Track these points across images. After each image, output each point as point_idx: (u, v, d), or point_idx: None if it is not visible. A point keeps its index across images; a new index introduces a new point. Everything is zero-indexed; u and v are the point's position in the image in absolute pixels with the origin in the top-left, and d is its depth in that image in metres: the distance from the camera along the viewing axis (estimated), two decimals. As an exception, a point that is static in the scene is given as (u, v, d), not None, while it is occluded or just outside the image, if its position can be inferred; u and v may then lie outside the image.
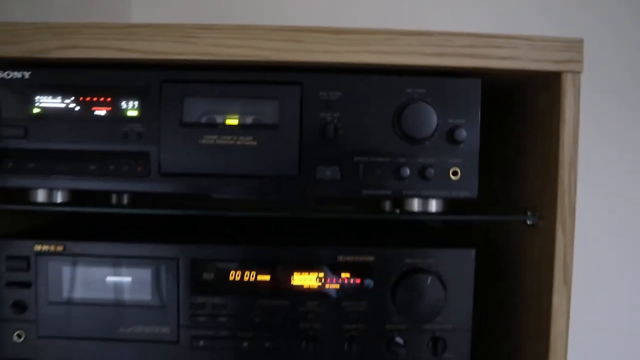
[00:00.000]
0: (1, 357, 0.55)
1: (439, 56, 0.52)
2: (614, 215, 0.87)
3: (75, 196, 0.57)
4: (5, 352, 0.55)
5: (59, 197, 0.56)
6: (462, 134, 0.52)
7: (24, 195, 0.57)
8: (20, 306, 0.55)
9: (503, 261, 0.64)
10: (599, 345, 0.88)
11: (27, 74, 0.53)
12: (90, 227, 0.65)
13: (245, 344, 0.54)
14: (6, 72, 0.53)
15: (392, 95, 0.53)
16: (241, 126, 0.52)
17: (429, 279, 0.54)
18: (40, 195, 0.56)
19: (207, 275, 0.54)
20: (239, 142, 0.52)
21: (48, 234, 0.58)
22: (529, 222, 0.57)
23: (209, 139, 0.52)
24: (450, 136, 0.52)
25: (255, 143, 0.52)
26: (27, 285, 0.54)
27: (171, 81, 0.52)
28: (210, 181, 0.53)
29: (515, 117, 0.63)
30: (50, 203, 0.56)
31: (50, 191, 0.56)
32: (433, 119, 0.52)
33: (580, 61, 0.52)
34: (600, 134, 0.86)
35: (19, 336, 0.55)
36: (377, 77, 0.53)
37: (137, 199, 0.63)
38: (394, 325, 0.55)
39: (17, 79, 0.53)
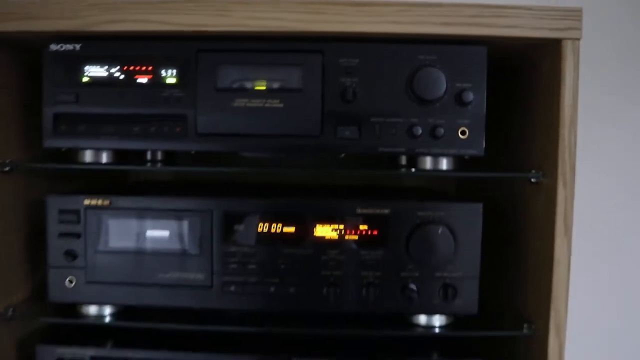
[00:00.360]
0: (55, 300, 0.62)
1: (447, 25, 0.57)
2: (613, 178, 0.91)
3: (118, 158, 0.64)
4: (58, 295, 0.62)
5: (104, 158, 0.63)
6: (470, 96, 0.58)
7: (72, 156, 0.64)
8: (71, 255, 0.61)
9: (509, 218, 0.70)
10: (599, 293, 0.92)
11: (78, 46, 0.60)
12: (131, 185, 0.72)
13: (272, 289, 0.61)
14: (60, 45, 0.60)
15: (405, 61, 0.58)
16: (269, 90, 0.59)
17: (440, 230, 0.59)
18: (88, 156, 0.63)
19: (238, 227, 0.60)
20: (267, 105, 0.59)
21: (96, 190, 0.64)
22: (533, 180, 0.62)
23: (240, 102, 0.59)
24: (459, 98, 0.58)
25: (281, 105, 0.59)
26: (77, 235, 0.61)
27: (206, 51, 0.59)
28: (242, 140, 0.59)
29: (521, 85, 0.68)
30: (97, 163, 0.63)
31: (97, 152, 0.63)
32: (442, 83, 0.58)
33: (579, 29, 0.57)
34: (600, 104, 0.90)
35: (70, 281, 0.62)
36: (392, 45, 0.59)
37: (170, 160, 0.69)
38: (408, 272, 0.60)
39: (69, 50, 0.60)
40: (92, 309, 0.64)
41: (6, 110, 0.65)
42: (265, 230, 0.61)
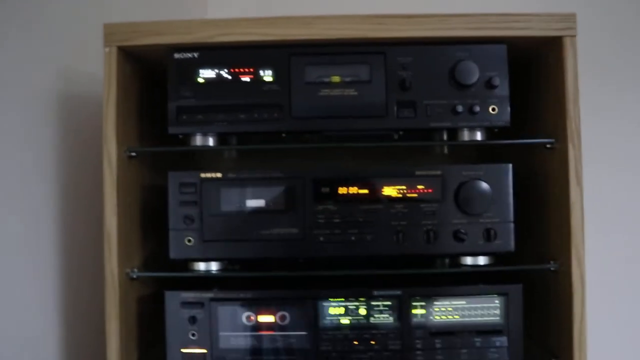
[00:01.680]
0: (176, 257, 0.80)
1: (477, 30, 0.79)
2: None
3: (220, 142, 0.84)
4: (180, 253, 0.79)
5: (211, 142, 0.83)
6: (497, 81, 0.79)
7: (184, 141, 0.83)
8: (190, 219, 0.79)
9: (532, 177, 0.89)
10: (610, 233, 1.13)
11: (195, 54, 0.80)
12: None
13: (352, 238, 0.79)
14: (181, 54, 0.80)
15: (447, 58, 0.79)
16: (345, 83, 0.79)
17: (480, 184, 0.79)
18: (198, 141, 0.82)
19: (324, 190, 0.79)
20: (345, 93, 0.79)
21: (209, 166, 0.83)
22: (548, 146, 0.83)
23: (324, 92, 0.79)
24: (489, 83, 0.79)
25: (356, 94, 0.79)
26: (194, 203, 0.79)
27: (296, 54, 0.79)
28: (326, 121, 0.79)
29: (535, 73, 0.89)
30: (205, 146, 0.82)
31: (204, 137, 0.82)
32: (476, 72, 0.79)
33: (574, 28, 0.79)
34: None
35: (189, 241, 0.79)
36: (436, 46, 0.80)
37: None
38: (458, 220, 0.79)
39: (188, 58, 0.80)
40: (201, 265, 0.82)
41: (129, 110, 0.84)
42: (345, 192, 0.80)
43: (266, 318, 0.79)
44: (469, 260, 0.82)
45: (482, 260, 0.82)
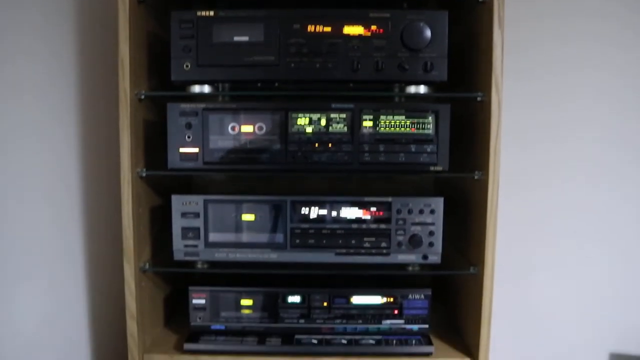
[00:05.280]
0: (176, 79, 1.06)
1: None
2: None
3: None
4: (179, 76, 1.06)
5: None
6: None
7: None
8: (187, 48, 1.05)
9: (466, 33, 1.15)
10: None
11: None
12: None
13: (317, 65, 1.05)
14: None
15: None
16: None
17: (421, 25, 1.04)
18: (196, -11, 1.08)
19: (295, 26, 1.05)
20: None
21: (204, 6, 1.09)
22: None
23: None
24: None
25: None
26: (192, 37, 1.05)
27: None
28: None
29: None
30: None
31: (202, -13, 1.08)
32: None
33: None
34: None
35: (187, 66, 1.05)
36: None
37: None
38: (402, 54, 1.05)
39: None
40: (196, 88, 1.08)
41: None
42: (313, 29, 1.05)
43: (247, 127, 1.06)
44: (412, 89, 1.08)
45: (422, 90, 1.08)
